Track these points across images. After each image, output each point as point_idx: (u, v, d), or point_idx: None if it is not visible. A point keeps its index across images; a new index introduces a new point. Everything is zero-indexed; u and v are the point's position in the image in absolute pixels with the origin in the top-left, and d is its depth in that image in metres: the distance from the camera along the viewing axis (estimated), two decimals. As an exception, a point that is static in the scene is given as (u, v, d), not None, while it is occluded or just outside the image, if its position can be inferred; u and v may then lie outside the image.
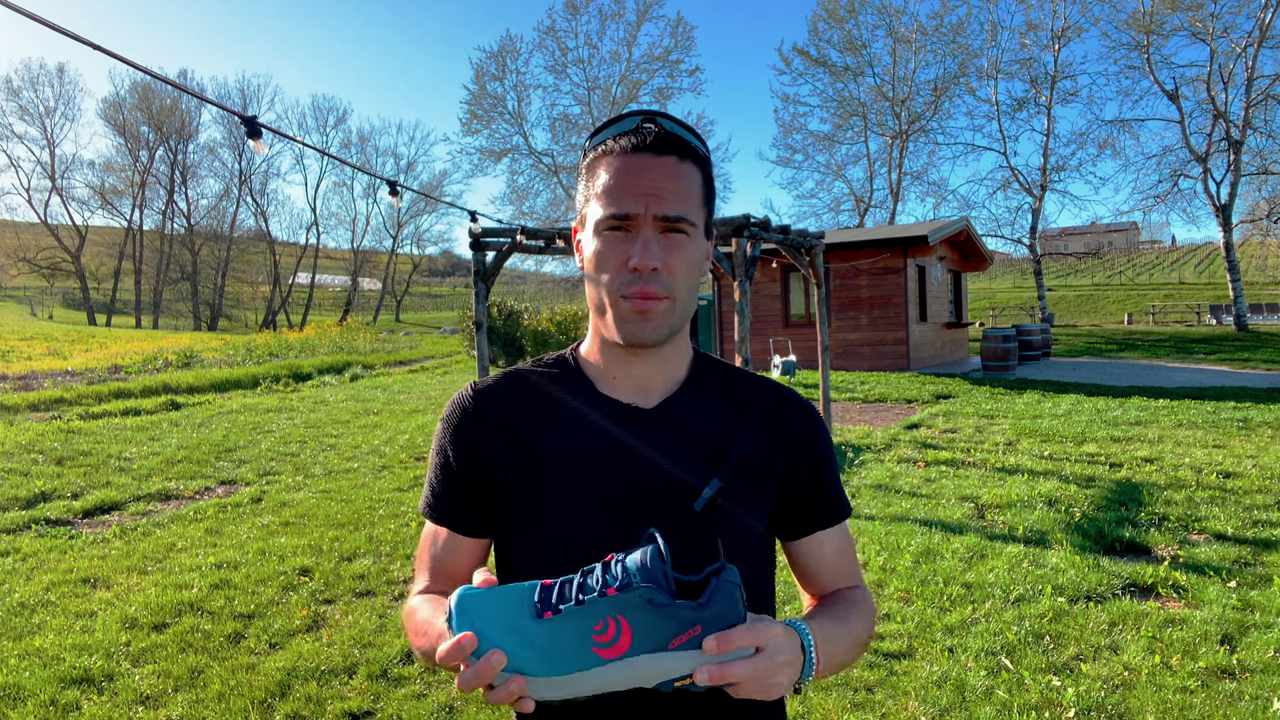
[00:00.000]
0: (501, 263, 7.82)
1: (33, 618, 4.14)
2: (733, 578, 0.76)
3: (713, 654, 0.74)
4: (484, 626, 0.73)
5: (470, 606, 0.74)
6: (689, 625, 0.74)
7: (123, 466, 7.85)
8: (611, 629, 0.73)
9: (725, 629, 0.75)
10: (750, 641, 0.75)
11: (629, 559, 0.75)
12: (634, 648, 0.74)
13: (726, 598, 0.75)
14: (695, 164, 0.95)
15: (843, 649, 0.94)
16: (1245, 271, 39.59)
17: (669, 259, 0.92)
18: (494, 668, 0.71)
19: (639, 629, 0.73)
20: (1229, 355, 18.85)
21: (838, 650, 0.92)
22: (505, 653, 0.72)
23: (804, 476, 1.03)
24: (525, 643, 0.73)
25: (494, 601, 0.75)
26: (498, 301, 21.98)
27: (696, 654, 0.74)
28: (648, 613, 0.73)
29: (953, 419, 9.87)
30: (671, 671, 0.75)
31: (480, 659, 0.72)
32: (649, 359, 1.00)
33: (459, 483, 1.01)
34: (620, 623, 0.73)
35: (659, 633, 0.74)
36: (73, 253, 51.53)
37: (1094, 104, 64.50)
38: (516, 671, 0.73)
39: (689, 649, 0.74)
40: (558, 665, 0.73)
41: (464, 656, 0.72)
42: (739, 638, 0.74)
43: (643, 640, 0.74)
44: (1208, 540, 4.93)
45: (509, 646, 0.72)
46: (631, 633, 0.73)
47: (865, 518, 5.65)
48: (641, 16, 36.44)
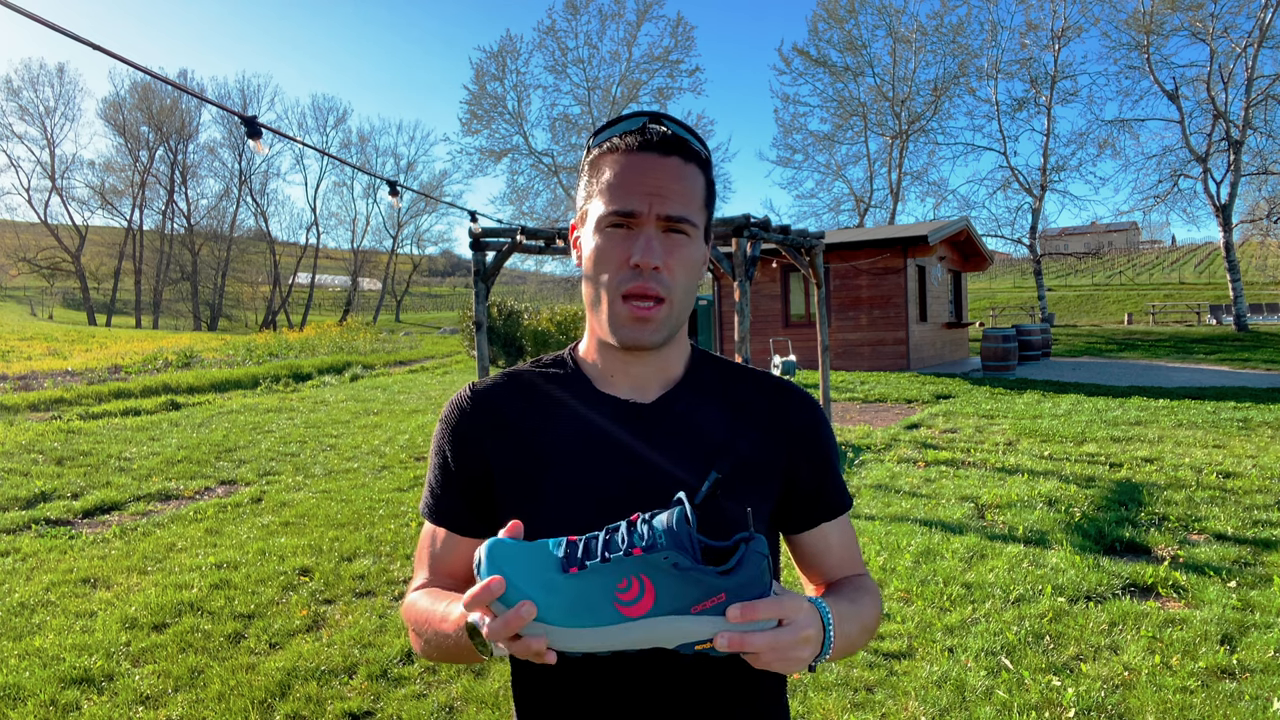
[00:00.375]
0: (501, 263, 7.82)
1: (33, 618, 4.14)
2: (760, 548, 0.76)
3: (736, 622, 0.74)
4: (512, 574, 0.74)
5: (499, 555, 0.75)
6: (714, 592, 0.74)
7: (123, 466, 7.85)
8: (635, 588, 0.74)
9: (751, 599, 0.75)
10: (775, 614, 0.75)
11: (656, 519, 0.76)
12: (657, 608, 0.74)
13: (754, 567, 0.75)
14: (698, 167, 0.96)
15: (856, 630, 0.95)
16: (1245, 271, 39.60)
17: (669, 259, 0.92)
18: (524, 618, 0.72)
19: (663, 590, 0.74)
20: (1229, 355, 18.85)
21: (852, 631, 0.93)
22: (534, 603, 0.73)
23: (807, 470, 1.03)
24: (551, 593, 0.74)
25: (522, 553, 0.75)
26: (498, 301, 21.98)
27: (719, 619, 0.75)
28: (672, 575, 0.74)
29: (953, 419, 9.87)
30: (693, 635, 0.75)
31: (510, 608, 0.72)
32: (646, 358, 1.01)
33: (458, 483, 1.02)
34: (644, 582, 0.74)
35: (682, 596, 0.74)
36: (73, 253, 51.54)
37: (1094, 104, 64.60)
38: (542, 622, 0.73)
39: (712, 614, 0.75)
40: (582, 619, 0.74)
41: (491, 599, 0.73)
42: (764, 610, 0.75)
43: (666, 601, 0.74)
44: (1208, 540, 4.93)
45: (536, 597, 0.73)
46: (655, 593, 0.74)
47: (865, 518, 5.65)
48: (641, 16, 36.50)
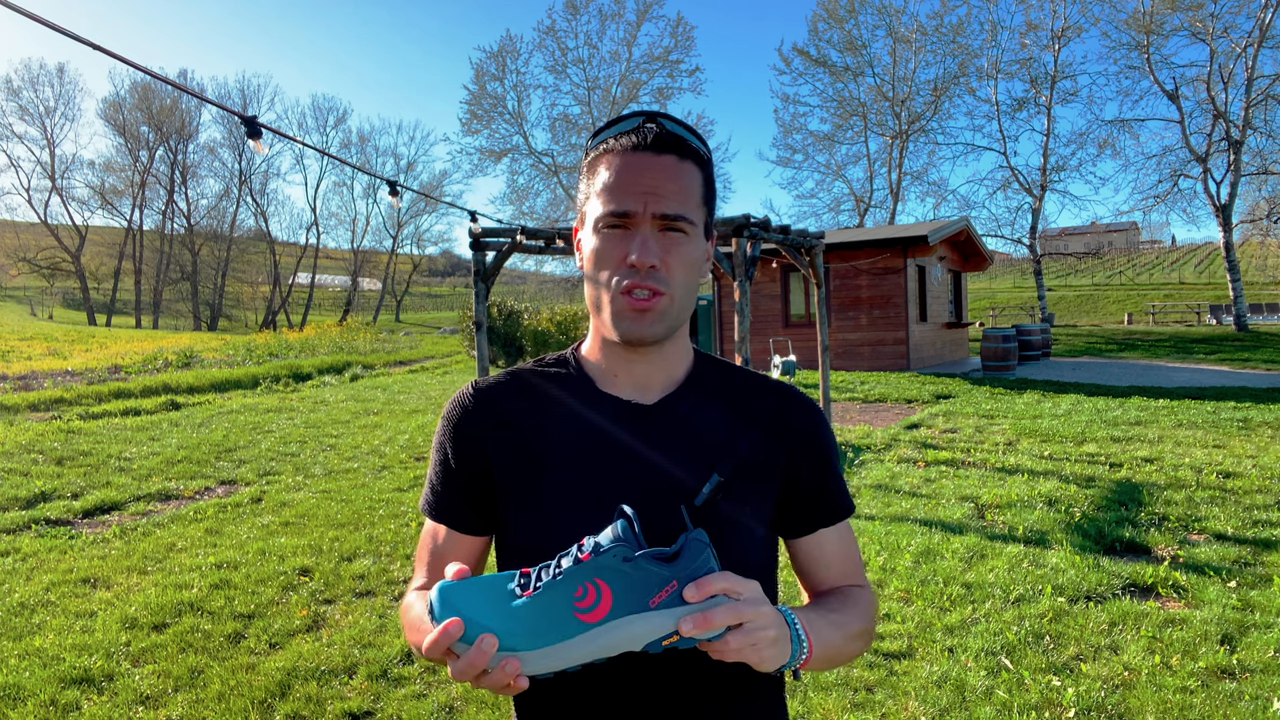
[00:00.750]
0: (501, 263, 7.82)
1: (33, 618, 4.14)
2: (701, 537, 0.78)
3: (693, 600, 0.76)
4: (468, 611, 0.73)
5: (452, 596, 0.74)
6: (665, 582, 0.76)
7: (123, 466, 7.85)
8: (591, 593, 0.74)
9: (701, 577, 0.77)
10: (727, 586, 0.77)
11: (601, 536, 0.78)
12: (615, 609, 0.75)
13: (696, 553, 0.77)
14: (695, 164, 0.95)
15: (839, 637, 0.93)
16: (1245, 271, 39.60)
17: (667, 257, 0.92)
18: (487, 653, 0.71)
19: (618, 590, 0.75)
20: (1229, 355, 18.85)
21: (833, 638, 0.92)
22: (494, 634, 0.72)
23: (807, 474, 1.03)
24: (511, 620, 0.74)
25: (475, 589, 0.76)
26: (498, 301, 21.98)
27: (677, 609, 0.76)
28: (623, 572, 0.75)
29: (953, 419, 9.87)
30: (657, 630, 0.76)
31: (472, 645, 0.72)
32: (649, 357, 1.00)
33: (459, 481, 1.02)
34: (599, 585, 0.75)
35: (637, 590, 0.75)
36: (73, 253, 51.54)
37: (1094, 104, 64.63)
38: (508, 650, 0.73)
39: (669, 604, 0.76)
40: (545, 637, 0.74)
41: (451, 643, 0.72)
42: (716, 582, 0.76)
43: (623, 601, 0.75)
44: (1208, 540, 4.93)
45: (495, 627, 0.73)
46: (612, 594, 0.75)
47: (865, 518, 5.65)
48: (641, 16, 36.50)
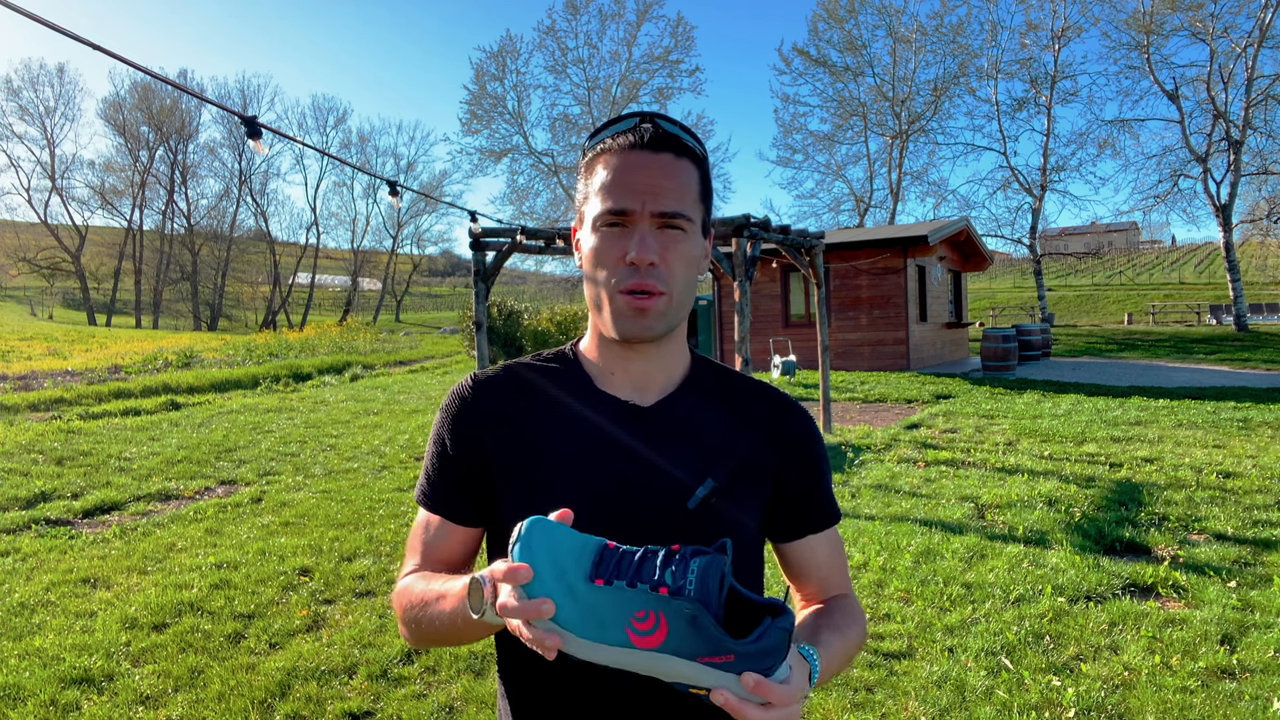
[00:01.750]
0: (501, 263, 7.82)
1: (33, 618, 4.14)
2: (785, 624, 0.75)
3: (748, 689, 0.73)
4: (540, 565, 0.74)
5: (535, 540, 0.75)
6: (723, 653, 0.74)
7: (123, 466, 7.85)
8: (651, 621, 0.75)
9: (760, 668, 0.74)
10: (780, 700, 0.74)
11: (695, 561, 0.75)
12: (665, 646, 0.75)
13: (773, 642, 0.74)
14: (691, 161, 0.96)
15: (838, 665, 0.97)
16: (1245, 271, 39.59)
17: (666, 254, 0.93)
18: (543, 614, 0.73)
19: (674, 634, 0.75)
20: (1229, 355, 18.85)
21: (834, 667, 0.95)
22: (554, 603, 0.74)
23: (797, 480, 1.04)
24: (571, 599, 0.74)
25: (558, 544, 0.76)
26: (498, 301, 21.99)
27: (721, 674, 0.75)
28: (688, 625, 0.74)
29: (953, 419, 9.87)
30: (693, 679, 0.76)
31: (532, 599, 0.73)
32: (647, 356, 1.00)
33: (455, 472, 1.02)
34: (660, 620, 0.75)
35: (693, 644, 0.75)
36: (73, 253, 51.54)
37: (1094, 104, 64.63)
38: (556, 624, 0.74)
39: (717, 669, 0.75)
40: (592, 632, 0.75)
41: (514, 583, 0.73)
42: (774, 693, 0.73)
43: (676, 644, 0.75)
44: (1208, 540, 4.93)
45: (556, 597, 0.74)
46: (668, 632, 0.75)
47: (865, 518, 5.65)
48: (641, 16, 36.49)
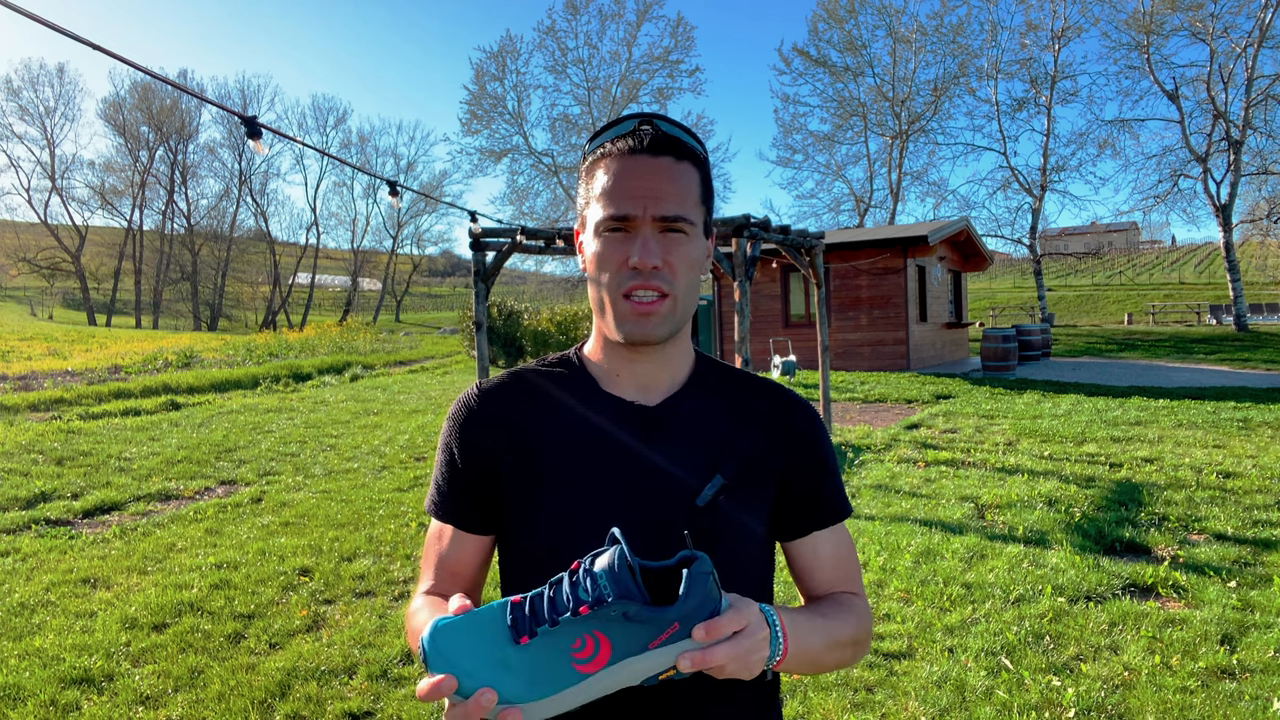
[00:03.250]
0: (501, 263, 7.82)
1: (33, 618, 4.14)
2: (704, 567, 0.75)
3: (701, 640, 0.75)
4: (462, 661, 0.71)
5: (444, 642, 0.72)
6: (666, 625, 0.74)
7: (123, 466, 7.85)
8: (590, 645, 0.73)
9: (704, 619, 0.75)
10: (735, 625, 0.77)
11: (596, 565, 0.74)
12: (614, 657, 0.74)
13: (701, 589, 0.75)
14: (692, 164, 0.96)
15: (821, 643, 0.92)
16: (1245, 271, 39.59)
17: (668, 257, 0.93)
18: (485, 706, 0.70)
19: (617, 639, 0.73)
20: (1229, 355, 18.85)
21: (814, 643, 0.91)
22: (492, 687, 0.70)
23: (802, 478, 1.03)
24: (507, 672, 0.72)
25: (468, 633, 0.73)
26: (498, 301, 21.99)
27: (677, 646, 0.75)
28: (624, 624, 0.73)
29: (953, 419, 9.87)
30: (654, 668, 0.75)
31: (470, 699, 0.70)
32: (652, 357, 1.00)
33: (464, 481, 1.02)
34: (598, 637, 0.73)
35: (637, 638, 0.74)
36: (73, 253, 51.53)
37: (1094, 104, 64.58)
38: (506, 703, 0.71)
39: (668, 644, 0.75)
40: (543, 689, 0.73)
41: (444, 696, 0.71)
42: (725, 624, 0.76)
43: (622, 648, 0.74)
44: (1208, 540, 4.93)
45: (492, 679, 0.71)
46: (611, 644, 0.73)
47: (865, 518, 5.65)
48: (641, 16, 36.47)
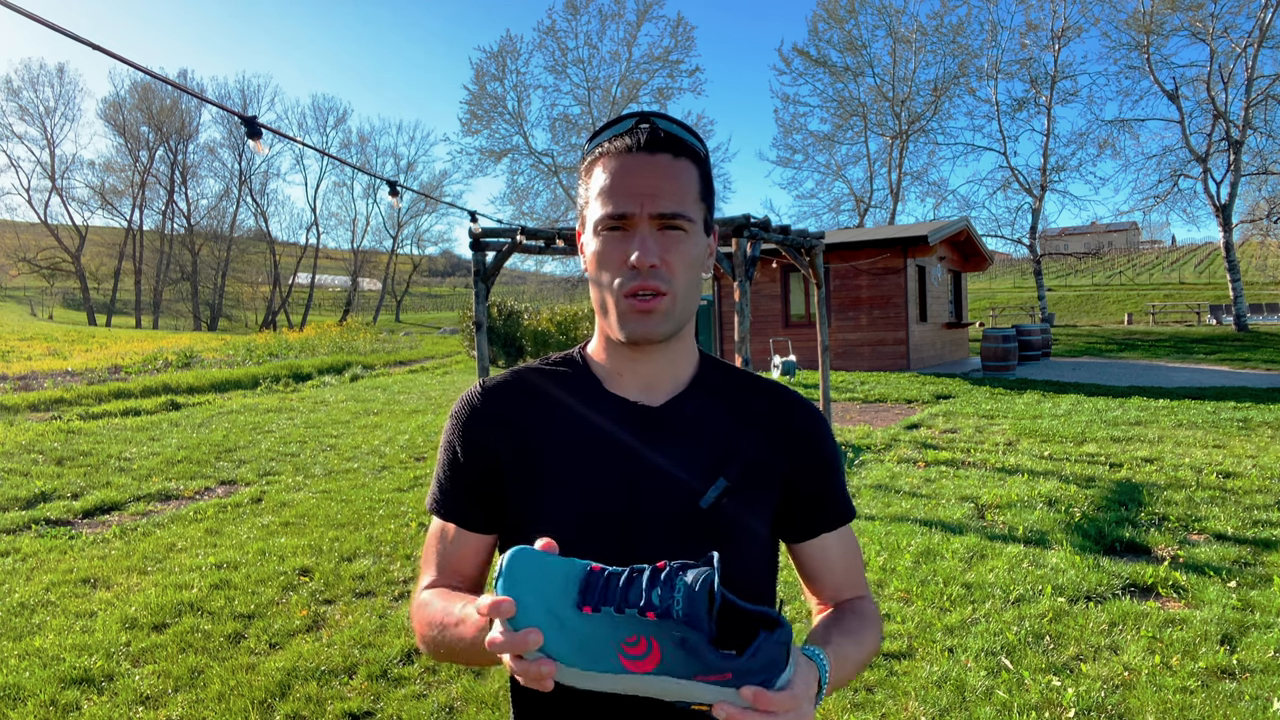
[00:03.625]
0: (501, 263, 7.82)
1: (33, 618, 4.14)
2: (782, 638, 0.74)
3: (748, 701, 0.72)
4: (525, 596, 0.73)
5: (519, 572, 0.74)
6: (719, 671, 0.73)
7: (123, 466, 7.85)
8: (643, 645, 0.74)
9: (759, 682, 0.73)
10: (786, 709, 0.73)
11: (681, 579, 0.74)
12: (660, 669, 0.74)
13: (768, 659, 0.73)
14: (691, 161, 0.95)
15: (851, 671, 0.94)
16: (1245, 271, 39.58)
17: (667, 255, 0.92)
18: (530, 645, 0.72)
19: (668, 655, 0.73)
20: (1229, 355, 18.85)
21: (846, 674, 0.92)
22: (541, 633, 0.72)
23: (807, 480, 1.03)
24: (560, 629, 0.73)
25: (541, 573, 0.75)
26: (498, 301, 21.99)
27: (721, 690, 0.74)
28: (680, 647, 0.73)
29: (953, 419, 9.87)
30: (692, 698, 0.75)
31: (519, 631, 0.72)
32: (655, 357, 1.00)
33: (466, 479, 1.02)
34: (652, 644, 0.73)
35: (688, 666, 0.74)
36: (73, 253, 51.52)
37: (1094, 104, 64.50)
38: (545, 654, 0.73)
39: (714, 686, 0.74)
40: (585, 661, 0.74)
41: (499, 617, 0.72)
42: (778, 703, 0.72)
43: (670, 665, 0.74)
44: (1208, 540, 4.93)
45: (545, 628, 0.73)
46: (661, 657, 0.74)
47: (865, 518, 5.65)
48: (641, 17, 36.48)
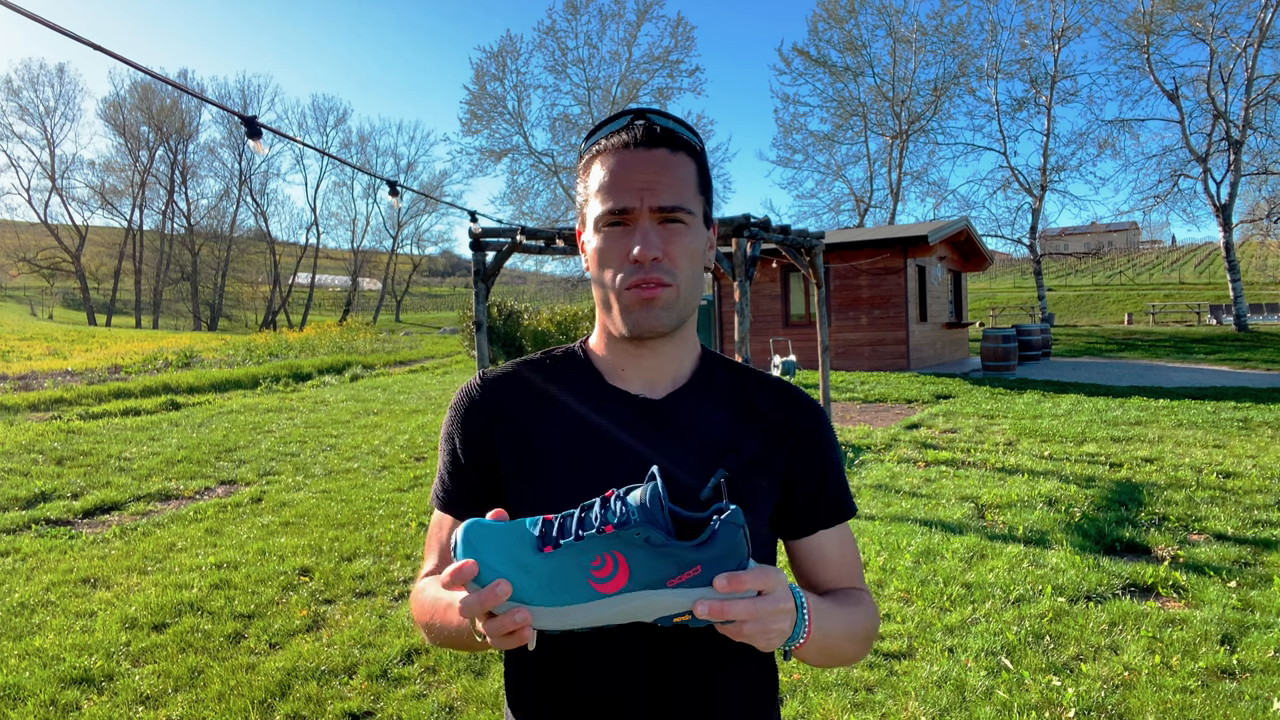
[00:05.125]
0: (501, 263, 7.82)
1: (33, 618, 4.14)
2: (736, 519, 0.75)
3: (722, 590, 0.74)
4: (487, 556, 0.74)
5: (474, 537, 0.75)
6: (688, 566, 0.74)
7: (123, 466, 7.85)
8: (609, 564, 0.74)
9: (728, 570, 0.75)
10: (758, 585, 0.75)
11: (630, 496, 0.76)
12: (631, 584, 0.74)
13: (729, 539, 0.74)
14: (688, 154, 0.96)
15: (839, 631, 0.93)
16: (1245, 271, 39.60)
17: (669, 248, 0.93)
18: (499, 596, 0.72)
19: (637, 566, 0.74)
20: (1229, 355, 18.84)
21: (833, 630, 0.91)
22: (509, 583, 0.73)
23: (806, 476, 1.03)
24: (526, 574, 0.74)
25: (497, 534, 0.76)
26: (498, 301, 21.99)
27: (696, 591, 0.75)
28: (645, 550, 0.74)
29: (953, 419, 9.87)
30: (670, 608, 0.75)
31: (485, 587, 0.73)
32: (657, 351, 1.00)
33: (466, 471, 1.03)
34: (618, 558, 0.74)
35: (657, 571, 0.74)
36: (73, 253, 51.53)
37: (1094, 104, 64.50)
38: (519, 601, 0.74)
39: (688, 586, 0.75)
40: (558, 597, 0.74)
41: (464, 582, 0.73)
42: (749, 580, 0.74)
43: (641, 577, 0.74)
44: (1208, 540, 4.93)
45: (511, 576, 0.73)
46: (630, 569, 0.74)
47: (865, 518, 5.65)
48: (641, 16, 36.45)
